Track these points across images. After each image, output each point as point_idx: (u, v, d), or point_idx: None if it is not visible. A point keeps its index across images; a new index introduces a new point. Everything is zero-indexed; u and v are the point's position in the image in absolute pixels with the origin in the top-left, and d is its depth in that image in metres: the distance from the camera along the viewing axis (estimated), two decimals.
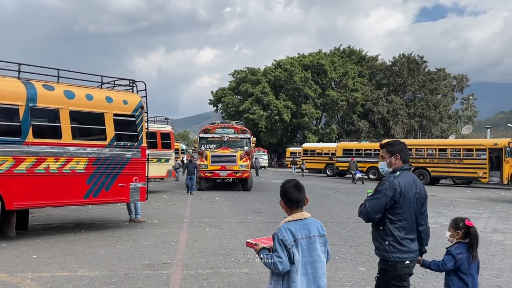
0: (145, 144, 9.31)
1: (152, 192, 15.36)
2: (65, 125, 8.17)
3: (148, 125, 9.62)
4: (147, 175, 9.40)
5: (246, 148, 19.41)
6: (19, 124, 7.60)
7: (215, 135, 19.52)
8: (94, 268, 5.91)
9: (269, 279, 2.71)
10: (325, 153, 35.48)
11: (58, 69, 8.41)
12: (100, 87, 9.24)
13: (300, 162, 35.50)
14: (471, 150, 23.89)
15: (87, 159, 8.38)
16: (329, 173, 33.97)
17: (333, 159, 32.58)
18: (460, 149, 24.47)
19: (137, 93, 9.62)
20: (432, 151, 25.52)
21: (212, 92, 63.64)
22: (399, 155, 3.31)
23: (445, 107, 52.22)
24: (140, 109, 9.26)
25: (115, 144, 8.78)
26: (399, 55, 54.67)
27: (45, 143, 7.91)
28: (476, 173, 23.31)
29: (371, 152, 28.04)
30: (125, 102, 9.10)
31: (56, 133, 8.19)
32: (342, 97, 53.62)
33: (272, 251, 2.64)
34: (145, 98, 9.59)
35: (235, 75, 62.68)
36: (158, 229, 9.04)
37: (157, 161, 17.52)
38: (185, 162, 25.70)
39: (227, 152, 18.80)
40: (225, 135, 19.47)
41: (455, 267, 3.34)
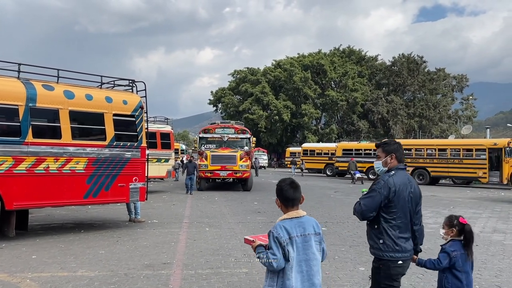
0: (144, 144, 9.30)
1: (151, 192, 15.36)
2: (65, 125, 8.16)
3: (147, 125, 9.62)
4: (146, 175, 9.40)
5: (246, 148, 19.39)
6: (19, 124, 7.60)
7: (215, 135, 19.51)
8: (93, 268, 5.91)
9: (265, 276, 2.75)
10: (324, 153, 35.53)
11: (57, 69, 8.41)
12: (100, 87, 9.24)
13: (299, 162, 35.51)
14: (471, 150, 23.91)
15: (87, 159, 8.38)
16: (328, 173, 34.01)
17: (333, 159, 32.61)
18: (459, 149, 24.49)
19: (137, 93, 9.62)
20: (431, 151, 25.54)
21: (212, 92, 63.77)
22: (394, 155, 3.35)
23: (445, 107, 52.25)
24: (139, 109, 9.26)
25: (114, 144, 8.78)
26: (399, 55, 54.73)
27: (45, 143, 7.90)
28: (475, 173, 23.34)
29: (370, 152, 28.04)
30: (125, 102, 9.10)
31: (55, 133, 8.18)
32: (341, 97, 53.64)
33: (267, 249, 2.67)
34: (145, 98, 9.59)
35: (235, 75, 62.70)
36: (157, 229, 9.04)
37: (156, 161, 17.53)
38: (185, 162, 25.70)
39: (227, 152, 18.78)
40: (225, 135, 19.45)
41: (450, 264, 3.36)
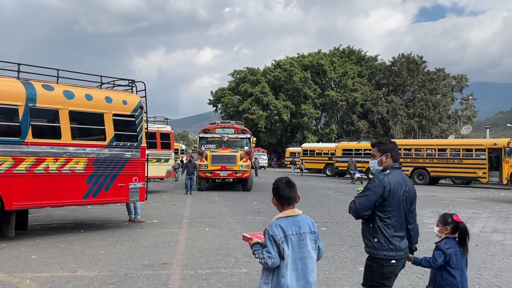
0: (144, 144, 9.30)
1: (151, 192, 15.35)
2: (65, 125, 8.16)
3: (147, 125, 9.62)
4: (146, 175, 9.40)
5: (246, 148, 19.38)
6: (19, 124, 7.60)
7: (215, 135, 19.49)
8: (93, 268, 5.91)
9: (261, 274, 2.78)
10: (324, 153, 35.54)
11: (57, 69, 8.41)
12: (99, 87, 9.24)
13: (299, 162, 35.51)
14: (471, 150, 23.92)
15: (87, 159, 8.38)
16: (328, 173, 34.02)
17: (333, 159, 32.61)
18: (459, 149, 24.49)
19: (137, 93, 9.62)
20: (431, 151, 25.54)
21: (211, 92, 63.78)
22: (389, 154, 3.39)
23: (445, 107, 52.26)
24: (139, 109, 9.26)
25: (114, 144, 8.77)
26: (399, 55, 54.72)
27: (45, 143, 7.90)
28: (475, 173, 23.35)
29: (370, 152, 27.99)
30: (125, 102, 9.10)
31: (55, 133, 8.18)
32: (341, 97, 53.65)
33: (263, 247, 2.71)
34: (144, 98, 9.59)
35: (234, 75, 62.69)
36: (157, 229, 9.04)
37: (156, 161, 17.53)
38: (185, 162, 25.71)
39: (227, 152, 18.77)
40: (225, 135, 19.43)
41: (445, 261, 3.38)
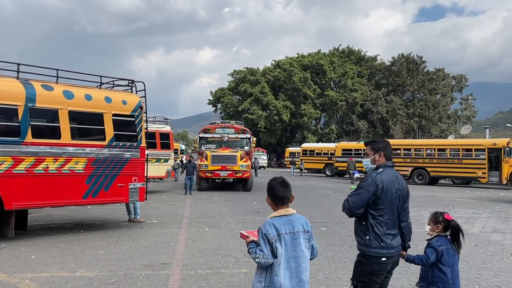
0: (144, 144, 9.30)
1: (151, 192, 15.35)
2: (64, 125, 8.16)
3: (147, 125, 9.62)
4: (146, 175, 9.40)
5: (246, 148, 19.36)
6: (18, 124, 7.59)
7: (215, 135, 19.48)
8: (93, 268, 5.91)
9: (255, 272, 2.81)
10: (324, 153, 35.54)
11: (57, 69, 8.40)
12: (99, 87, 9.23)
13: (298, 162, 35.50)
14: (470, 150, 23.92)
15: (86, 159, 8.37)
16: (328, 173, 34.02)
17: (332, 159, 32.61)
18: (459, 149, 24.49)
19: (136, 93, 9.61)
20: (431, 151, 25.54)
21: (211, 92, 63.82)
22: (382, 152, 3.41)
23: (444, 107, 52.28)
24: (139, 109, 9.26)
25: (114, 144, 8.77)
26: (398, 55, 54.73)
27: (44, 143, 7.89)
28: (475, 173, 23.35)
29: None
30: (124, 102, 9.10)
31: (55, 133, 8.18)
32: (341, 97, 53.65)
33: (257, 245, 2.74)
34: (144, 98, 9.59)
35: (234, 75, 62.70)
36: (157, 229, 9.04)
37: (156, 161, 17.52)
38: (184, 162, 25.69)
39: (227, 152, 18.76)
40: (225, 135, 19.42)
41: (437, 258, 3.41)
